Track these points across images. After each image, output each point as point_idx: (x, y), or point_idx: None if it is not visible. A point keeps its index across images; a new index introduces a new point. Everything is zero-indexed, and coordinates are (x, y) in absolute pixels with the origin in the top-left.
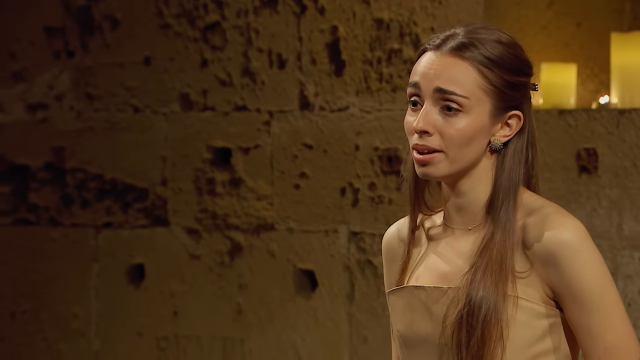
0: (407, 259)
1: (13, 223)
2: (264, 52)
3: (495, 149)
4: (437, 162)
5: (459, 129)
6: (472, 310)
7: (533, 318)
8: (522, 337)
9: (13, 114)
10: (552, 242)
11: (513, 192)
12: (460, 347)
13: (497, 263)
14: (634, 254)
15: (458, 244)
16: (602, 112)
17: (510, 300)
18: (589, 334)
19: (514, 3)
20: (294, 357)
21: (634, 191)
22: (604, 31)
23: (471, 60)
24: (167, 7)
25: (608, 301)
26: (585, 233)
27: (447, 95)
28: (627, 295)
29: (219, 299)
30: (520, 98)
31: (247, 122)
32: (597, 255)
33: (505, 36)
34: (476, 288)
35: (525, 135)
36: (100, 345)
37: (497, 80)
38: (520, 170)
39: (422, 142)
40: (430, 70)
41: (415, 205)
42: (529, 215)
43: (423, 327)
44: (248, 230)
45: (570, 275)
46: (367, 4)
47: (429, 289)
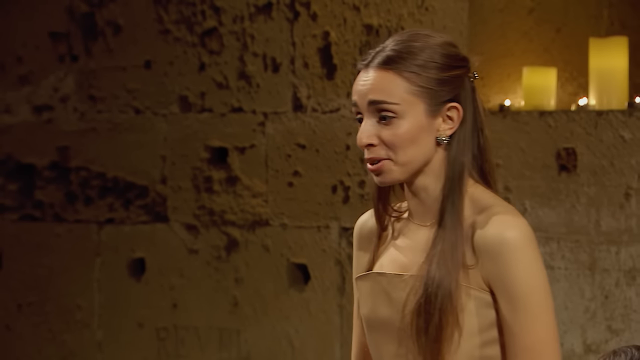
0: (376, 249)
1: (20, 219)
2: (259, 57)
3: (441, 143)
4: (388, 170)
5: (399, 134)
6: (429, 299)
7: (482, 307)
8: (472, 325)
9: (20, 115)
10: (494, 239)
11: (458, 180)
12: (419, 333)
13: (449, 252)
14: (610, 248)
15: (418, 237)
16: (581, 114)
17: (463, 289)
18: (511, 331)
19: (497, 10)
20: (288, 347)
21: (611, 189)
22: (583, 36)
23: (395, 70)
24: (167, 14)
25: (536, 304)
26: (528, 235)
27: (379, 106)
28: (605, 288)
29: (216, 292)
30: (454, 91)
31: (243, 123)
32: (535, 258)
33: (434, 38)
34: (432, 277)
35: (469, 124)
36: (102, 336)
37: (423, 81)
38: (465, 159)
39: (370, 154)
40: (363, 87)
41: (379, 208)
42: (479, 213)
43: (384, 311)
44: (244, 226)
45: (504, 271)
46: (358, 10)
47: (390, 275)
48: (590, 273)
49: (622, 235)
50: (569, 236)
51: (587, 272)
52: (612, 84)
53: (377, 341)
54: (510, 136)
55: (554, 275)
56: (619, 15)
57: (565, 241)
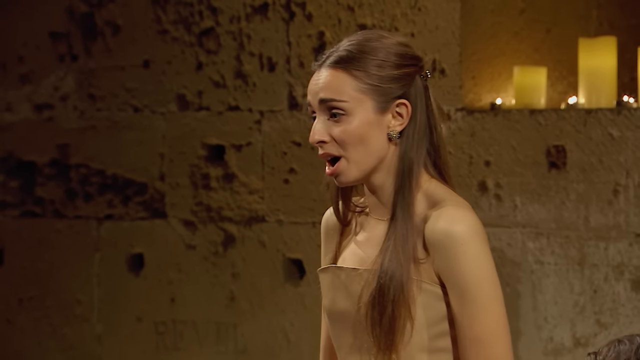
0: (338, 244)
1: (21, 215)
2: (255, 56)
3: (392, 139)
4: (344, 169)
5: (348, 131)
6: (382, 291)
7: (434, 300)
8: (424, 317)
9: (21, 114)
10: (443, 233)
11: (408, 175)
12: (373, 325)
13: (401, 244)
14: (599, 244)
15: (376, 231)
16: (570, 112)
17: (414, 282)
18: (460, 322)
19: (489, 10)
20: (283, 340)
21: (599, 186)
22: (572, 37)
23: (343, 68)
24: (165, 14)
25: (484, 296)
26: (476, 229)
27: (329, 104)
28: (594, 283)
29: (214, 287)
30: (404, 88)
31: (240, 121)
32: (483, 252)
33: (386, 38)
34: (385, 270)
35: (420, 120)
36: (102, 330)
37: (370, 79)
38: (414, 154)
39: (323, 151)
40: (314, 87)
41: (340, 206)
42: (432, 207)
43: (342, 304)
44: (240, 222)
45: (452, 263)
46: (352, 11)
47: (347, 269)
48: (579, 268)
49: (610, 231)
50: (558, 232)
51: (576, 267)
52: (600, 83)
53: (337, 333)
54: (501, 134)
55: (543, 270)
56: (608, 16)
57: (555, 237)
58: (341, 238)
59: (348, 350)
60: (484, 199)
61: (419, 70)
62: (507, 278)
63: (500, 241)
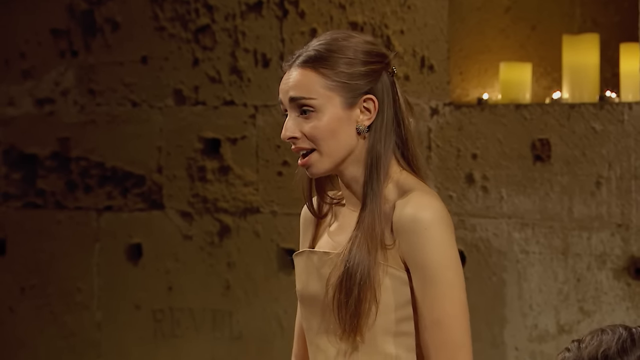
0: (316, 232)
1: (23, 206)
2: (250, 52)
3: (361, 133)
4: (316, 161)
5: (318, 127)
6: (349, 275)
7: (399, 285)
8: (389, 301)
9: (23, 108)
10: (408, 218)
11: (376, 166)
12: (340, 307)
13: (369, 232)
14: (582, 234)
15: (349, 220)
16: (555, 107)
17: (381, 267)
18: (421, 305)
19: (475, 8)
20: (277, 327)
21: (582, 178)
22: (556, 33)
23: (310, 67)
24: (162, 12)
25: (445, 281)
26: (441, 216)
27: (299, 102)
28: (577, 272)
29: (210, 275)
30: (371, 84)
31: (235, 115)
32: (447, 238)
33: (353, 37)
34: (353, 255)
35: (388, 115)
36: (102, 317)
37: (337, 76)
38: (382, 147)
39: (295, 146)
40: (285, 86)
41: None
42: (401, 195)
43: (313, 287)
44: (236, 213)
45: (416, 248)
46: (343, 8)
47: (319, 253)
48: (563, 257)
49: (593, 221)
50: (543, 222)
51: (560, 256)
52: (584, 79)
53: (307, 315)
54: (487, 128)
55: (529, 259)
56: (591, 14)
57: (539, 227)
58: (317, 228)
59: (316, 332)
60: (471, 190)
61: (385, 67)
62: (493, 267)
63: (486, 231)
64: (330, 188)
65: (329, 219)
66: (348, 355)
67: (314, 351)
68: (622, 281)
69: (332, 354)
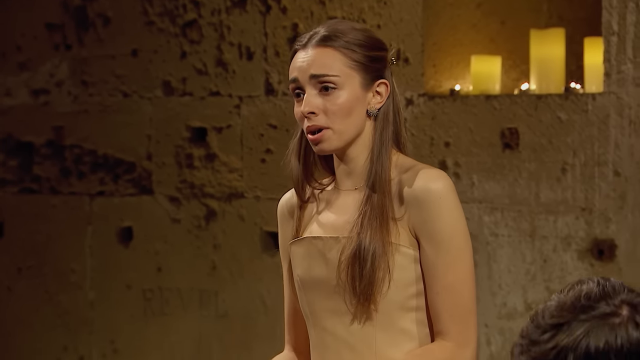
0: (300, 220)
1: (19, 192)
2: (235, 46)
3: (371, 115)
4: (328, 138)
5: (339, 104)
6: (363, 248)
7: (411, 262)
8: (402, 278)
9: (19, 98)
10: (421, 189)
11: (385, 148)
12: (354, 278)
13: (378, 210)
14: (548, 217)
15: (346, 201)
16: (523, 97)
17: (393, 246)
18: (434, 270)
19: (448, 4)
20: (261, 305)
21: (549, 165)
22: (524, 28)
23: (334, 46)
24: (152, 7)
25: (457, 247)
26: (451, 187)
27: (321, 79)
28: (543, 253)
29: (197, 257)
30: (382, 69)
31: (221, 105)
32: (457, 207)
33: (359, 24)
34: (364, 233)
35: (392, 101)
36: (94, 296)
37: (358, 57)
38: (388, 131)
39: (311, 122)
40: (304, 63)
41: (303, 181)
42: (404, 172)
43: (319, 271)
44: (221, 198)
45: (429, 216)
46: (323, 4)
47: (325, 238)
48: (530, 240)
49: (559, 205)
50: (511, 207)
51: (528, 238)
52: (550, 71)
53: (312, 299)
54: (459, 117)
55: (498, 242)
56: (557, 9)
57: (508, 211)
58: (300, 216)
59: (323, 315)
60: None
61: (387, 56)
62: None
63: None
64: (317, 175)
65: (315, 204)
66: (360, 328)
67: (319, 334)
68: (586, 262)
69: (341, 332)
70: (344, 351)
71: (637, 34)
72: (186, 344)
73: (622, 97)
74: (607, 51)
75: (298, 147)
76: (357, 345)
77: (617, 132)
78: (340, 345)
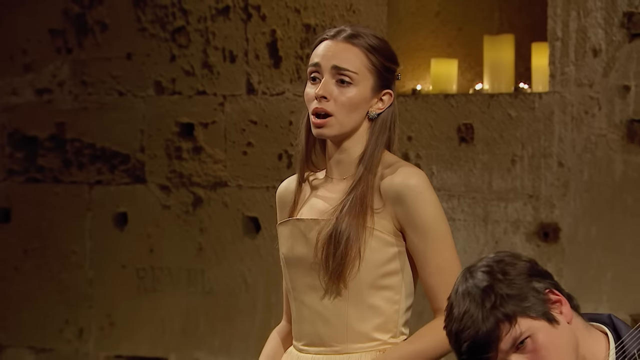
0: (295, 204)
1: (25, 181)
2: (219, 50)
3: (370, 118)
4: (330, 125)
5: (350, 97)
6: (339, 232)
7: (383, 245)
8: (374, 259)
9: (25, 97)
10: (401, 186)
11: (378, 151)
12: (328, 257)
13: (360, 200)
14: (500, 204)
15: (334, 189)
16: (477, 96)
17: (368, 230)
18: (424, 255)
19: (410, 12)
20: (242, 283)
21: (500, 156)
22: (478, 34)
23: (359, 46)
24: (144, 15)
25: (440, 233)
26: (427, 182)
27: (341, 71)
28: (495, 236)
29: (185, 239)
30: (391, 80)
31: (206, 103)
32: (435, 199)
33: (379, 34)
34: (342, 218)
35: (392, 111)
36: (93, 275)
37: (378, 63)
38: (384, 136)
39: (320, 105)
40: (329, 53)
41: (304, 164)
42: (385, 168)
43: (300, 250)
44: (207, 187)
45: (413, 211)
46: (298, 12)
47: (307, 220)
48: (484, 224)
49: (509, 193)
50: (467, 194)
51: (481, 223)
52: (501, 73)
53: (292, 276)
54: (420, 114)
55: (455, 225)
56: (507, 17)
57: (464, 198)
58: (295, 201)
59: (301, 290)
60: None
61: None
62: None
63: None
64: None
65: (307, 191)
66: (331, 303)
67: (298, 307)
68: (533, 243)
69: (316, 306)
70: (319, 323)
71: (578, 39)
72: (175, 318)
73: (565, 96)
74: (552, 55)
75: (306, 129)
76: (331, 318)
77: (561, 128)
78: (315, 317)
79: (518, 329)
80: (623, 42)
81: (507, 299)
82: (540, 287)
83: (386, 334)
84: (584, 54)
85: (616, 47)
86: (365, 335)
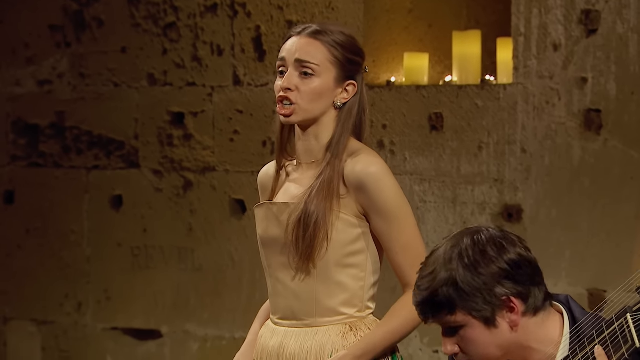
0: (273, 189)
1: (28, 165)
2: (208, 44)
3: (336, 107)
4: (295, 113)
5: (312, 88)
6: (308, 214)
7: (348, 227)
8: (340, 239)
9: (27, 88)
10: (362, 174)
11: (344, 138)
12: (298, 239)
13: (327, 184)
14: (467, 187)
15: (305, 174)
16: (447, 87)
17: (334, 213)
18: (389, 237)
19: (385, 10)
20: (229, 261)
21: (468, 143)
22: (448, 30)
23: (322, 41)
24: (138, 12)
25: (402, 214)
26: (385, 168)
27: (304, 64)
28: (463, 216)
29: (176, 220)
30: (355, 72)
31: (196, 94)
32: (395, 184)
33: (347, 30)
34: (311, 201)
35: (358, 101)
36: (91, 253)
37: (339, 56)
38: (349, 124)
39: (284, 94)
40: (293, 48)
41: (279, 152)
42: (350, 156)
43: (273, 231)
44: (197, 171)
45: (375, 196)
46: (281, 9)
47: (279, 204)
48: (453, 206)
49: (476, 177)
50: (437, 178)
51: (450, 205)
52: (469, 66)
53: (267, 255)
54: (394, 104)
55: (426, 207)
56: (475, 14)
57: (434, 182)
58: (274, 186)
59: (275, 268)
60: (381, 153)
61: (362, 63)
62: None
63: None
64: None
65: (284, 177)
66: (301, 280)
67: (274, 283)
68: (498, 223)
69: (289, 283)
70: (291, 298)
71: (540, 35)
72: (167, 293)
73: (528, 87)
74: (516, 49)
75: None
76: (301, 294)
77: (524, 117)
78: (288, 293)
79: (454, 318)
80: (581, 37)
81: (458, 291)
82: (501, 292)
83: (352, 309)
84: (545, 49)
85: (575, 42)
86: (332, 310)
